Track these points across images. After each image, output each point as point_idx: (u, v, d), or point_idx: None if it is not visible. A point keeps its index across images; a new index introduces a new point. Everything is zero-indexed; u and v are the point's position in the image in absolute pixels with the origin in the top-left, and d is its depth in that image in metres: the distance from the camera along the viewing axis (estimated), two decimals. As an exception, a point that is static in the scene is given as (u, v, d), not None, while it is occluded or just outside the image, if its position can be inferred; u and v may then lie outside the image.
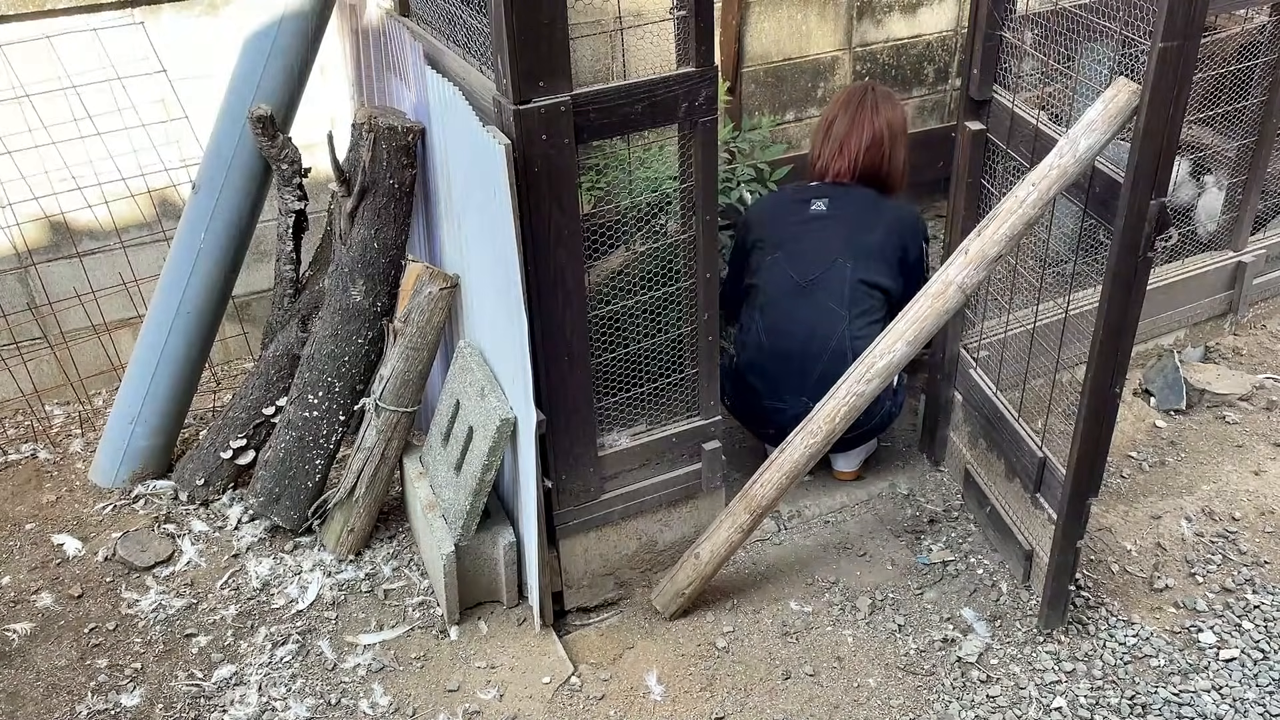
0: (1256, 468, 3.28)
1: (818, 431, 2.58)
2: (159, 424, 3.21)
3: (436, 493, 2.83)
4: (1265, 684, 2.62)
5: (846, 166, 3.26)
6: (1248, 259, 3.70)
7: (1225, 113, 3.50)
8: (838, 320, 3.06)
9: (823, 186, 3.28)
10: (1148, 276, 2.40)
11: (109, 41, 3.30)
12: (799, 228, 3.19)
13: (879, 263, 3.12)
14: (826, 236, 3.15)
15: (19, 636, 2.76)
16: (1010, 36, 2.75)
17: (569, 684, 2.64)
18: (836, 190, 3.25)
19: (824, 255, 3.12)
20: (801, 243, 3.16)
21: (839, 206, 3.20)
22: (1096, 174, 2.43)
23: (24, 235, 3.41)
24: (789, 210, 3.25)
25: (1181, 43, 2.14)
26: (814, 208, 3.21)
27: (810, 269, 3.12)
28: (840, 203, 3.20)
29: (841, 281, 3.09)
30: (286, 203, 3.11)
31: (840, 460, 3.31)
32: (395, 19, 2.93)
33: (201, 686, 2.63)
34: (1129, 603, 2.85)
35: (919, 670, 2.69)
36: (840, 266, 3.10)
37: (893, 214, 3.21)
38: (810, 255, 3.14)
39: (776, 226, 3.23)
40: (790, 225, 3.21)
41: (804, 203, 3.23)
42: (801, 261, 3.13)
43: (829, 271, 3.10)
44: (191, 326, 3.15)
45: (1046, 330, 2.77)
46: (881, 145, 3.25)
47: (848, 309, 3.07)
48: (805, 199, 3.24)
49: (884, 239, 3.14)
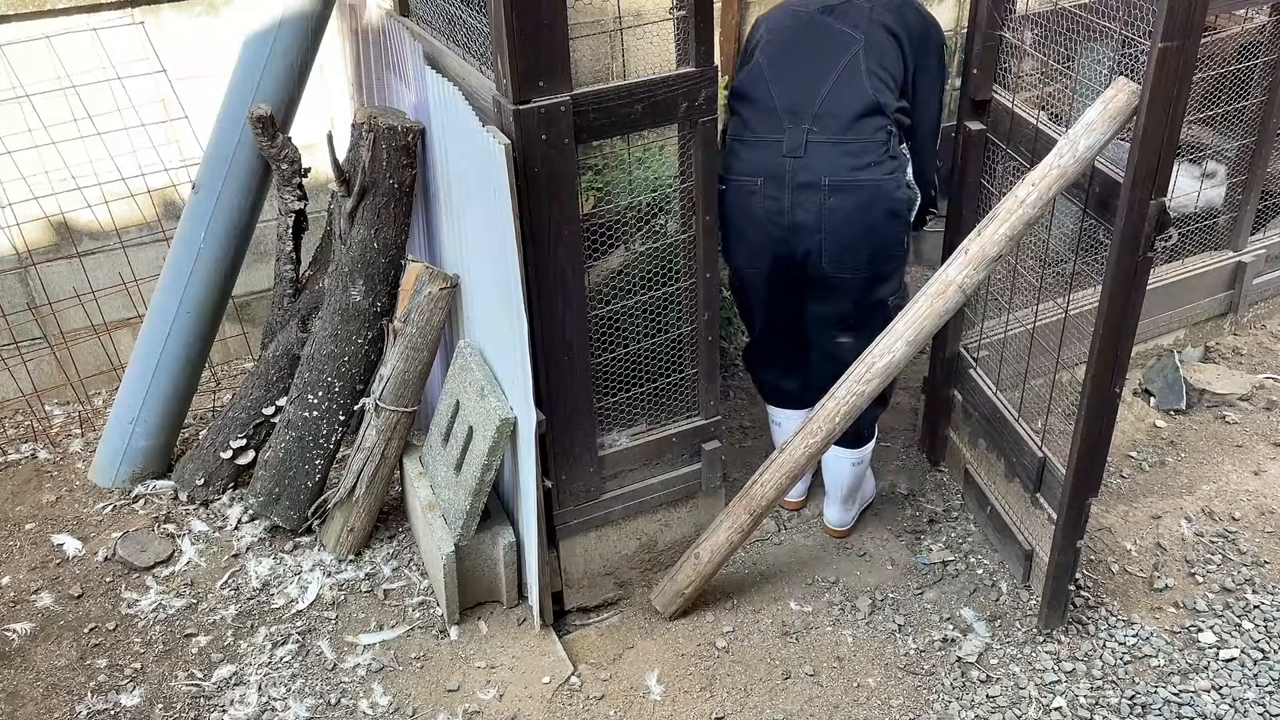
0: (1256, 468, 3.28)
1: (817, 432, 2.58)
2: (159, 424, 3.21)
3: (436, 493, 2.83)
4: (1265, 684, 2.62)
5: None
6: (1248, 259, 3.70)
7: (1225, 113, 3.50)
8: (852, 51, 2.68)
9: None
10: (1148, 276, 2.40)
11: (109, 41, 3.30)
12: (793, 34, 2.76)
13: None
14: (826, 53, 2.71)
15: (19, 636, 2.76)
16: (1010, 36, 2.75)
17: (569, 684, 2.64)
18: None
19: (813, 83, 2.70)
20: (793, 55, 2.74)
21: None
22: (1096, 174, 2.43)
23: (24, 235, 3.41)
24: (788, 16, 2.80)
25: (1181, 43, 2.13)
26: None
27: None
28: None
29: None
30: (286, 203, 3.11)
31: (831, 510, 3.10)
32: (395, 19, 2.93)
33: (201, 686, 2.63)
34: (1129, 603, 2.85)
35: (919, 670, 2.69)
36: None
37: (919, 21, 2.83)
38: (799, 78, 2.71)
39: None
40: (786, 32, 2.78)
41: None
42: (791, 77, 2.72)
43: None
44: (191, 326, 3.15)
45: (1046, 330, 2.77)
46: None
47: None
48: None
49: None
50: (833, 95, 2.63)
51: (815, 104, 2.63)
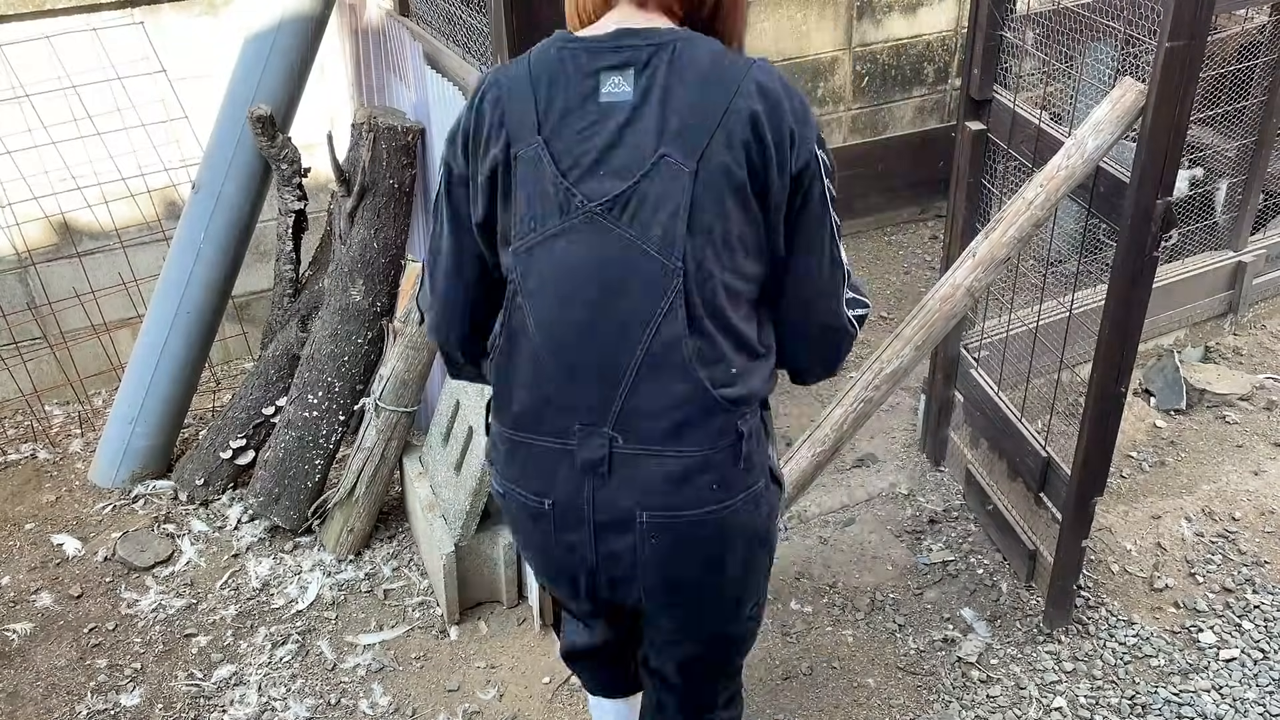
0: (1256, 468, 3.28)
1: (825, 440, 2.57)
2: (159, 424, 3.20)
3: (436, 493, 2.82)
4: (1265, 684, 2.62)
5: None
6: (1248, 259, 3.70)
7: (1225, 112, 3.50)
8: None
9: (620, 36, 1.52)
10: (1153, 276, 2.40)
11: (109, 41, 3.30)
12: (575, 140, 1.51)
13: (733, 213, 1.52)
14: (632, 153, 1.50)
15: (19, 636, 2.76)
16: (1011, 36, 2.75)
17: (569, 684, 2.64)
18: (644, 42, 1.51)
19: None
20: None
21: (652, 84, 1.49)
22: (1101, 173, 2.43)
23: (24, 235, 3.40)
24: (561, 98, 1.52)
25: (1188, 42, 2.13)
26: (607, 91, 1.50)
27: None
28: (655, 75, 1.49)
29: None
30: (286, 203, 3.11)
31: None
32: (395, 19, 2.93)
33: (201, 686, 2.62)
34: (1129, 603, 2.85)
35: (919, 670, 2.68)
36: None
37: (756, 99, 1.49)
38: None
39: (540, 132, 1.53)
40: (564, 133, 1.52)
41: (589, 81, 1.51)
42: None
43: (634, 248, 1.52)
44: (191, 326, 3.15)
45: (1049, 329, 2.77)
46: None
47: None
48: (592, 72, 1.51)
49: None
50: (643, 383, 1.56)
51: (617, 396, 1.57)
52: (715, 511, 1.63)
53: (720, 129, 1.47)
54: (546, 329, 1.57)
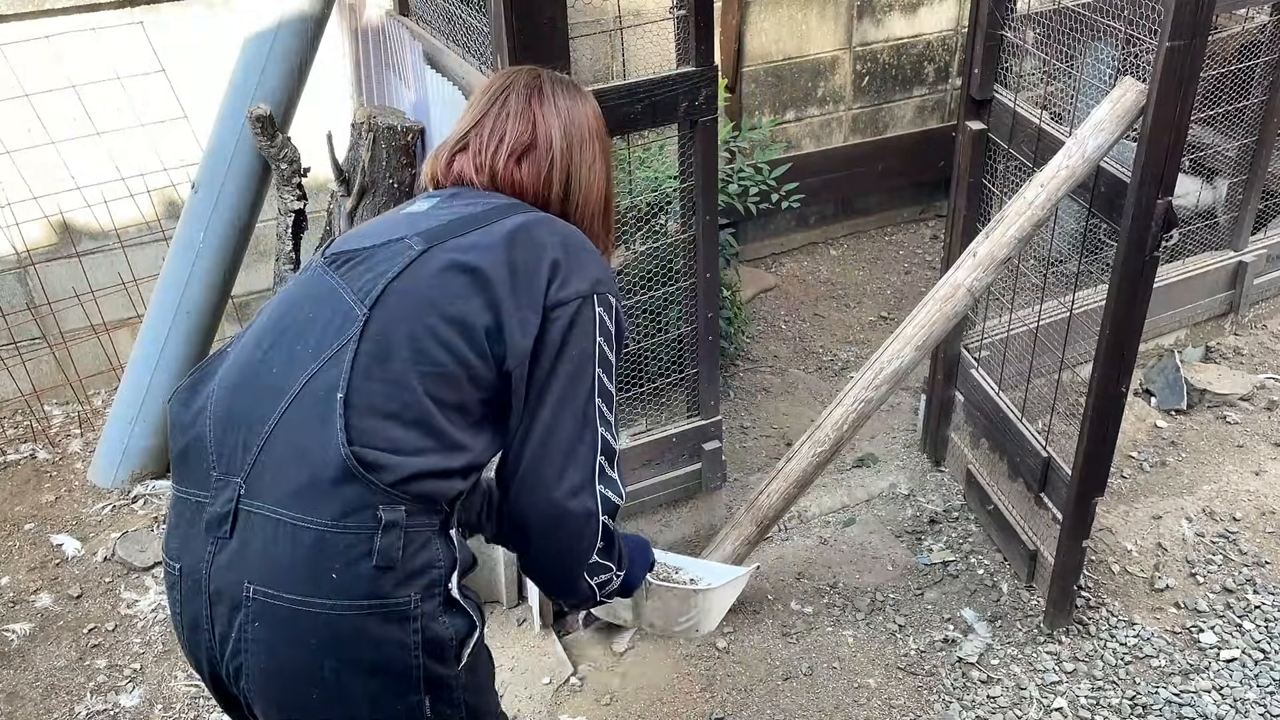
0: (1257, 468, 3.28)
1: (825, 440, 2.57)
2: (158, 424, 3.20)
3: (437, 493, 2.82)
4: (1266, 684, 2.61)
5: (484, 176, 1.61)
6: (1248, 259, 3.70)
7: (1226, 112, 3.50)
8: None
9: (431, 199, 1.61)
10: (1154, 275, 2.39)
11: (109, 41, 3.30)
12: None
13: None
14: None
15: (18, 636, 2.75)
16: (1011, 35, 2.74)
17: (569, 684, 2.64)
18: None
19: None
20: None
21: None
22: (1102, 173, 2.43)
23: (24, 235, 3.40)
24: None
25: (1189, 41, 2.13)
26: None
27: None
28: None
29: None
30: (286, 202, 3.10)
31: None
32: (395, 19, 2.93)
33: (201, 687, 2.62)
34: (1130, 603, 2.85)
35: (919, 671, 2.68)
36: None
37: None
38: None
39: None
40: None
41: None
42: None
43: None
44: (191, 326, 3.15)
45: (1049, 329, 2.76)
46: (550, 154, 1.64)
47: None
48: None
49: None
50: (283, 431, 1.39)
51: (256, 444, 1.40)
52: (334, 607, 1.34)
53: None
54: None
